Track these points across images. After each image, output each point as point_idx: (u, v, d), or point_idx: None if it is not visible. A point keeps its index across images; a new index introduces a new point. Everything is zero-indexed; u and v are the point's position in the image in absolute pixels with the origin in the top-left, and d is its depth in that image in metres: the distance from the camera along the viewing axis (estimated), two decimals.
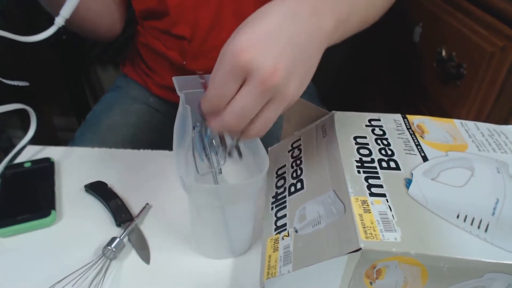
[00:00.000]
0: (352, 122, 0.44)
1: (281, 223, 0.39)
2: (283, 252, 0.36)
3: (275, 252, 0.37)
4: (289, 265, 0.35)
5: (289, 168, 0.45)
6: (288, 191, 0.42)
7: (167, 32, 0.71)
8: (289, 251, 0.36)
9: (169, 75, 0.77)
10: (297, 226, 0.37)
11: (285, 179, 0.44)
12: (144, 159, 0.59)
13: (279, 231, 0.39)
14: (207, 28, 0.68)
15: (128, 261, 0.44)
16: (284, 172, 0.45)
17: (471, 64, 0.58)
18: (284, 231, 0.38)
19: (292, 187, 0.42)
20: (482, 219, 0.33)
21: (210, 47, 0.70)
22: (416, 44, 0.74)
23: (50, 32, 0.43)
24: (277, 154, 0.49)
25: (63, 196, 0.52)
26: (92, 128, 0.76)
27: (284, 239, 0.38)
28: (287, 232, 0.38)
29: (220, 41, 0.69)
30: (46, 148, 0.60)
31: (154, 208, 0.51)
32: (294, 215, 0.39)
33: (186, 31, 0.69)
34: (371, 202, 0.34)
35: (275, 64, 0.30)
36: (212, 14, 0.67)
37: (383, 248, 0.30)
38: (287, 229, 0.38)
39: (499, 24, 0.54)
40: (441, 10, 0.66)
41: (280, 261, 0.36)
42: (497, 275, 0.31)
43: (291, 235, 0.37)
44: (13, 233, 0.47)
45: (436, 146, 0.41)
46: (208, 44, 0.69)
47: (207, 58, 0.71)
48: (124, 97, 0.81)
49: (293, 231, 0.37)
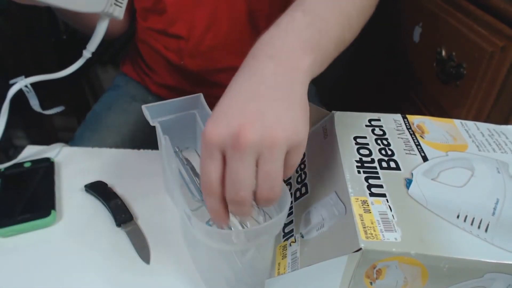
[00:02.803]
0: (352, 122, 0.44)
1: (288, 230, 0.39)
2: (291, 259, 0.36)
3: (284, 259, 0.37)
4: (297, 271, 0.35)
5: (294, 173, 0.45)
6: (294, 197, 0.42)
7: (164, 32, 0.71)
8: (296, 257, 0.36)
9: (168, 74, 0.77)
10: (303, 231, 0.37)
11: (291, 184, 0.44)
12: (144, 159, 0.59)
13: (287, 238, 0.39)
14: (204, 28, 0.68)
15: (128, 261, 0.44)
16: (289, 178, 0.45)
17: (471, 64, 0.58)
18: (291, 237, 0.38)
19: (298, 192, 0.42)
20: (482, 219, 0.33)
21: (207, 47, 0.70)
22: (416, 44, 0.74)
23: (78, 64, 0.46)
24: None
25: (63, 196, 0.52)
26: (92, 128, 0.76)
27: (291, 245, 0.37)
28: (294, 238, 0.38)
29: (216, 42, 0.70)
30: (46, 148, 0.60)
31: (154, 208, 0.51)
32: (300, 220, 0.39)
33: (183, 30, 0.69)
34: (371, 202, 0.34)
35: (240, 127, 0.29)
36: (208, 14, 0.67)
37: (383, 248, 0.30)
38: (294, 235, 0.38)
39: (499, 24, 0.54)
40: (441, 10, 0.66)
41: (288, 268, 0.36)
42: (497, 275, 0.31)
43: (297, 240, 0.37)
44: (13, 233, 0.47)
45: (436, 146, 0.41)
46: (204, 44, 0.70)
47: (204, 58, 0.72)
48: (123, 96, 0.81)
49: (299, 237, 0.37)
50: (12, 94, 0.47)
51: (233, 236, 0.35)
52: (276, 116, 0.30)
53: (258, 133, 0.29)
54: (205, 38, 0.69)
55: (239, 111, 0.31)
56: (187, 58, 0.72)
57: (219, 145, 0.30)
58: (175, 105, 0.48)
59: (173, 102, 0.48)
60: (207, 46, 0.70)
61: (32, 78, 0.47)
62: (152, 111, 0.46)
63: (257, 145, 0.29)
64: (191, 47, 0.70)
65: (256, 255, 0.38)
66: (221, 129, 0.30)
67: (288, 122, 0.31)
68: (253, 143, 0.29)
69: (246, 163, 0.30)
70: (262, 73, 0.33)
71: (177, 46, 0.71)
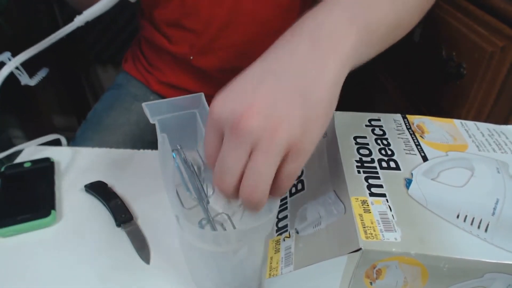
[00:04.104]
0: (352, 122, 0.44)
1: (282, 224, 0.39)
2: (285, 254, 0.36)
3: (276, 254, 0.37)
4: (290, 266, 0.35)
5: None
6: (289, 192, 0.42)
7: (176, 24, 0.69)
8: (290, 252, 0.36)
9: (172, 71, 0.76)
10: (298, 227, 0.37)
11: None
12: (144, 159, 0.59)
13: (281, 232, 0.39)
14: (221, 24, 0.66)
15: (128, 261, 0.44)
16: None
17: (471, 64, 0.58)
18: (285, 232, 0.38)
19: (293, 188, 0.42)
20: (482, 219, 0.33)
21: (220, 45, 0.68)
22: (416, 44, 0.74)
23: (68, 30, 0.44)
24: None
25: (63, 196, 0.52)
26: (93, 127, 0.76)
27: (285, 240, 0.38)
28: (288, 233, 0.38)
29: (231, 41, 0.69)
30: (46, 148, 0.60)
31: (154, 208, 0.51)
32: (295, 216, 0.39)
33: (198, 24, 0.67)
34: (371, 202, 0.34)
35: (246, 108, 0.27)
36: (228, 11, 0.65)
37: (383, 248, 0.30)
38: (288, 230, 0.38)
39: (499, 24, 0.53)
40: (441, 10, 0.66)
41: (281, 263, 0.36)
42: (497, 275, 0.31)
43: (292, 236, 0.37)
44: (13, 233, 0.47)
45: (436, 146, 0.41)
46: (218, 41, 0.68)
47: (215, 56, 0.70)
48: (124, 95, 0.81)
49: (294, 232, 0.37)
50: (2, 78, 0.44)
51: (221, 237, 0.35)
52: (287, 111, 0.27)
53: (261, 122, 0.27)
54: (220, 35, 0.67)
55: (253, 90, 0.28)
56: (197, 54, 0.70)
57: (220, 121, 0.28)
58: (175, 104, 0.48)
59: (173, 101, 0.48)
60: (220, 43, 0.68)
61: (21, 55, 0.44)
62: (152, 109, 0.46)
63: (255, 135, 0.27)
64: (203, 43, 0.69)
65: (246, 256, 0.38)
66: (226, 105, 0.28)
67: (297, 124, 0.28)
68: (252, 130, 0.27)
69: (239, 150, 0.28)
70: (295, 52, 0.29)
71: (189, 40, 0.69)
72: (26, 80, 0.47)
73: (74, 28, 0.43)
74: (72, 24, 0.43)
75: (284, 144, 0.27)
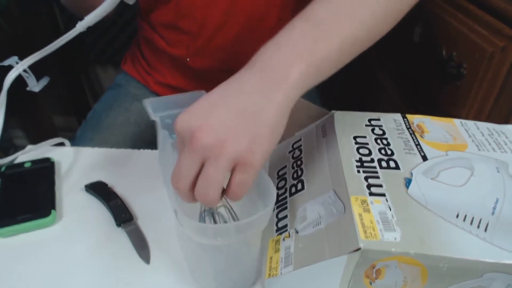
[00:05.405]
0: (352, 122, 0.44)
1: (282, 224, 0.39)
2: (284, 254, 0.36)
3: (276, 253, 0.37)
4: (290, 266, 0.35)
5: (290, 169, 0.45)
6: (289, 192, 0.42)
7: (171, 26, 0.69)
8: (290, 252, 0.36)
9: (170, 73, 0.76)
10: (298, 227, 0.37)
11: (286, 180, 0.44)
12: (144, 158, 0.59)
13: (280, 232, 0.39)
14: (216, 25, 0.67)
15: (128, 261, 0.44)
16: (285, 173, 0.45)
17: (471, 64, 0.58)
18: (285, 232, 0.38)
19: (293, 188, 0.42)
20: (481, 218, 0.33)
21: (216, 46, 0.69)
22: (416, 44, 0.74)
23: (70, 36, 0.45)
24: (278, 155, 0.49)
25: (63, 196, 0.52)
26: (93, 127, 0.76)
27: (285, 240, 0.38)
28: (288, 233, 0.38)
29: (227, 41, 0.69)
30: (46, 148, 0.60)
31: (154, 208, 0.51)
32: (295, 216, 0.39)
33: (193, 26, 0.68)
34: (371, 201, 0.34)
35: (200, 125, 0.32)
36: (223, 12, 0.66)
37: (383, 248, 0.30)
38: (288, 230, 0.38)
39: (499, 24, 0.53)
40: (441, 10, 0.66)
41: (281, 263, 0.36)
42: (496, 275, 0.31)
43: (292, 236, 0.37)
44: (13, 233, 0.47)
45: (436, 145, 0.41)
46: (214, 42, 0.68)
47: (211, 57, 0.70)
48: (124, 95, 0.81)
49: (294, 232, 0.37)
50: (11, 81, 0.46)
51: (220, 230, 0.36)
52: (236, 130, 0.32)
53: (211, 139, 0.31)
54: (215, 36, 0.68)
55: (208, 112, 0.33)
56: (194, 56, 0.71)
57: (181, 134, 0.33)
58: (176, 101, 0.48)
59: (174, 98, 0.48)
60: (216, 44, 0.69)
61: (28, 59, 0.46)
62: (152, 106, 0.46)
63: (206, 149, 0.31)
64: (199, 45, 0.69)
65: (243, 250, 0.39)
66: (186, 122, 0.33)
67: (245, 140, 0.32)
68: (203, 146, 0.31)
69: (191, 160, 0.32)
70: (246, 83, 0.34)
71: (185, 41, 0.70)
72: (33, 83, 0.49)
73: (76, 34, 0.45)
74: (74, 30, 0.45)
75: (231, 157, 0.31)
